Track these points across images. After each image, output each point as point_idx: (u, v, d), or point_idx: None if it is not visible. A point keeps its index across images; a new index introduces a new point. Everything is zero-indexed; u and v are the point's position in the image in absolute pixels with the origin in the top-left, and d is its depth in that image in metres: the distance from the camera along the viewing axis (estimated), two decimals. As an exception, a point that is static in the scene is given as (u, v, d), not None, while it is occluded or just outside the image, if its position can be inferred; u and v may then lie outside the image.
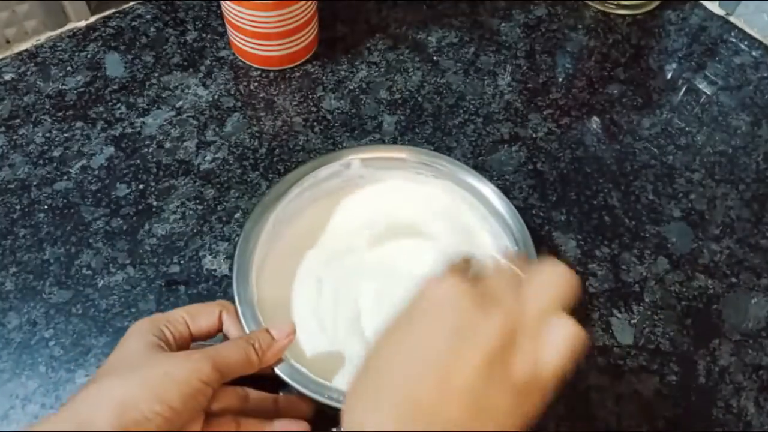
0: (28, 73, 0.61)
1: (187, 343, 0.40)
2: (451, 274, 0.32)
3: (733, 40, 0.68)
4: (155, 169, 0.56)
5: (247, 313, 0.42)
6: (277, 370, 0.40)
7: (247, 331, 0.41)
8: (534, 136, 0.60)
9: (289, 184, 0.48)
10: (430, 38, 0.67)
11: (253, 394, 0.41)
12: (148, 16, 0.67)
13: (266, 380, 0.41)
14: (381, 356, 0.32)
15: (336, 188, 0.51)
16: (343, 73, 0.63)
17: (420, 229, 0.49)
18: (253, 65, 0.63)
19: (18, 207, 0.53)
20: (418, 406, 0.29)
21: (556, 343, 0.30)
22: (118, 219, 0.52)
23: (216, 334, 0.42)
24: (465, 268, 0.34)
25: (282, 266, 0.47)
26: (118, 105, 0.59)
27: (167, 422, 0.34)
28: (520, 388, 0.30)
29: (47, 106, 0.59)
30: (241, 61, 0.63)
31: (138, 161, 0.56)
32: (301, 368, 0.40)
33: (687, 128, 0.61)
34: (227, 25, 0.61)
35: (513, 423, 0.29)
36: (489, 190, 0.49)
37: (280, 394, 0.42)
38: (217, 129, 0.58)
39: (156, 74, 0.62)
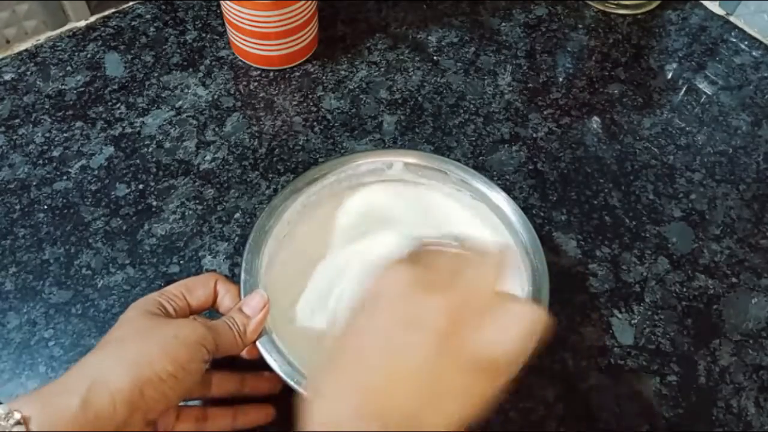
0: (28, 73, 0.61)
1: (186, 316, 0.40)
2: (401, 262, 0.34)
3: (734, 40, 0.68)
4: (155, 169, 0.56)
5: (249, 282, 0.42)
6: (259, 345, 0.40)
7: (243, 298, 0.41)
8: (534, 135, 0.60)
9: (325, 171, 0.48)
10: (430, 38, 0.67)
11: (212, 411, 0.41)
12: (148, 16, 0.67)
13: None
14: (340, 348, 0.33)
15: (372, 185, 0.50)
16: (343, 72, 0.63)
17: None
18: (253, 65, 0.63)
19: (18, 207, 0.53)
20: (373, 395, 0.30)
21: (507, 324, 0.31)
22: (118, 219, 0.52)
23: (213, 305, 0.42)
24: (418, 255, 0.36)
25: (299, 249, 0.47)
26: (118, 105, 0.59)
27: (178, 384, 0.34)
28: (473, 368, 0.30)
29: (47, 106, 0.59)
30: (241, 61, 0.63)
31: (138, 161, 0.56)
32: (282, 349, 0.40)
33: (687, 128, 0.61)
34: (227, 24, 0.61)
35: (469, 404, 0.30)
36: (518, 220, 0.46)
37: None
38: (216, 129, 0.58)
39: (156, 74, 0.62)
